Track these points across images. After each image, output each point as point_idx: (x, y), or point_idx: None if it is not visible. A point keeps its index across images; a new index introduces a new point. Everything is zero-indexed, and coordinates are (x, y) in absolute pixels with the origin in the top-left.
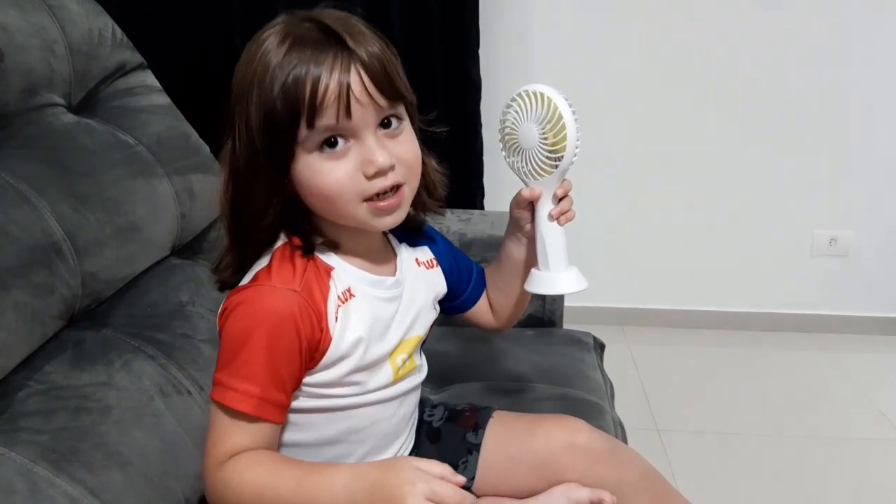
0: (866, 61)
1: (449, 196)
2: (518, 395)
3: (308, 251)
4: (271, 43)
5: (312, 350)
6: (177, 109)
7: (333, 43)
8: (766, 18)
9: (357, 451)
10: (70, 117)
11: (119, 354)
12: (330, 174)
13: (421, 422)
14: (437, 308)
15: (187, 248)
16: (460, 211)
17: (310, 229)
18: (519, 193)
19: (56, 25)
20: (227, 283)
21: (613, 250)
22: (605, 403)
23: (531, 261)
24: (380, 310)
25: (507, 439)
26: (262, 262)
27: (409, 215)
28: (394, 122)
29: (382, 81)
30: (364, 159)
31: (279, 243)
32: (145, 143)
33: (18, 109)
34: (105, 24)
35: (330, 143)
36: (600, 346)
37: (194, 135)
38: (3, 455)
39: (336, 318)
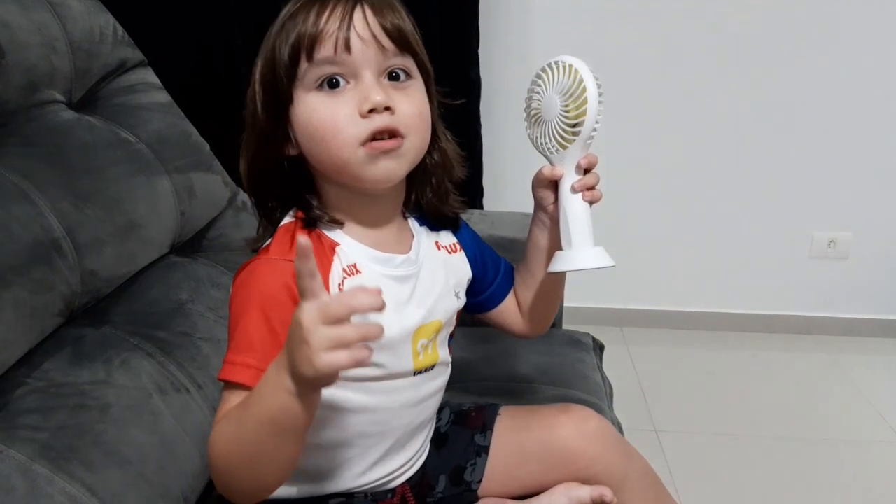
0: (865, 63)
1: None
2: (517, 395)
3: (310, 224)
4: (284, 7)
5: None
6: (177, 107)
7: None
8: (766, 19)
9: (369, 455)
10: (71, 114)
11: (118, 352)
12: (326, 111)
13: None
14: (462, 297)
15: (187, 246)
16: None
17: (316, 204)
18: (540, 171)
19: (57, 23)
20: (252, 248)
21: (612, 251)
22: (604, 404)
23: (556, 246)
24: (388, 288)
25: (516, 432)
26: (269, 240)
27: (436, 204)
28: (402, 75)
29: (389, 24)
30: (360, 97)
31: (286, 220)
32: (146, 141)
33: (19, 106)
34: (106, 22)
35: (331, 83)
36: (600, 347)
37: (195, 133)
38: (1, 452)
39: (340, 289)
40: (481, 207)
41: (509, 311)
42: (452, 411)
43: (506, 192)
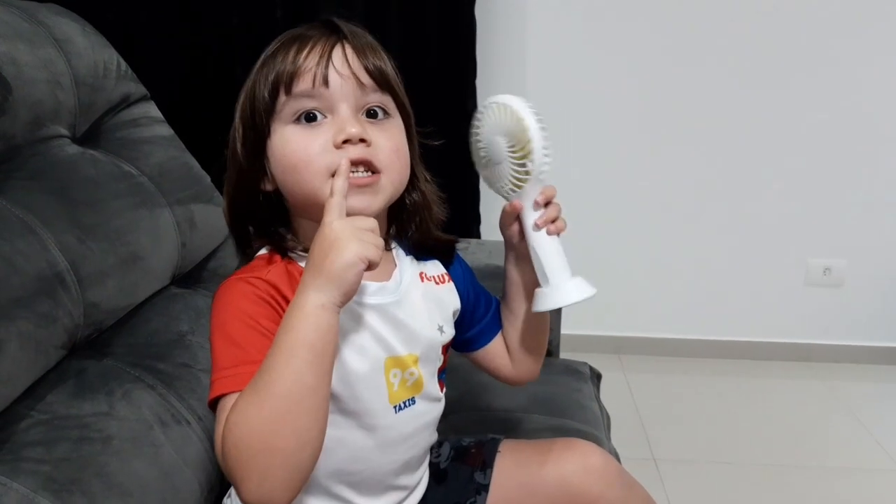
0: (861, 91)
1: (447, 224)
2: (514, 426)
3: (283, 253)
4: (270, 44)
5: None
6: (179, 140)
7: (325, 28)
8: (762, 46)
9: (359, 490)
10: (75, 149)
11: (120, 384)
12: (300, 142)
13: (429, 463)
14: (449, 331)
15: (188, 278)
16: None
17: (290, 237)
18: (503, 210)
19: (63, 59)
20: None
21: (609, 279)
22: (602, 434)
23: (532, 280)
24: (361, 316)
25: (518, 468)
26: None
27: (419, 240)
28: (380, 112)
29: (368, 62)
30: (337, 128)
31: (261, 252)
32: (148, 174)
33: (25, 141)
34: (110, 57)
35: (308, 116)
36: (597, 376)
37: (196, 165)
38: (5, 485)
39: None
40: (479, 236)
41: (497, 353)
42: (452, 447)
43: None
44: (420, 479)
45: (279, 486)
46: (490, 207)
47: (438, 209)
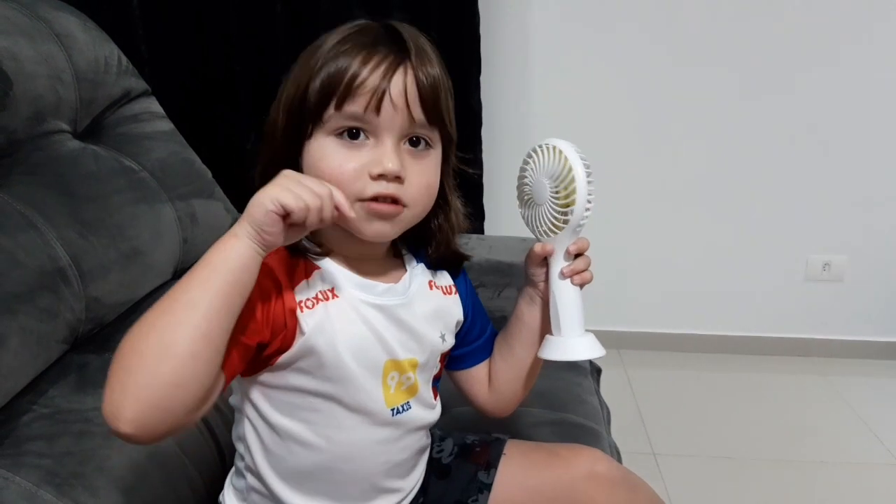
0: (861, 87)
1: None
2: (514, 419)
3: (294, 252)
4: (331, 36)
5: (276, 328)
6: (180, 135)
7: (392, 43)
8: (762, 43)
9: (347, 491)
10: (76, 144)
11: None
12: (336, 159)
13: (430, 458)
14: (450, 340)
15: None
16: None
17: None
18: (531, 249)
19: (64, 54)
20: None
21: (609, 274)
22: (602, 429)
23: (545, 328)
24: (367, 315)
25: (525, 470)
26: None
27: (436, 258)
28: (423, 143)
29: (426, 95)
30: (374, 159)
31: None
32: (149, 169)
33: (26, 136)
34: (111, 52)
35: (352, 133)
36: (597, 371)
37: (197, 160)
38: (7, 479)
39: (308, 306)
40: (482, 232)
41: (477, 380)
42: (456, 443)
43: (505, 217)
44: (413, 485)
45: (129, 399)
46: (493, 203)
47: (463, 228)
